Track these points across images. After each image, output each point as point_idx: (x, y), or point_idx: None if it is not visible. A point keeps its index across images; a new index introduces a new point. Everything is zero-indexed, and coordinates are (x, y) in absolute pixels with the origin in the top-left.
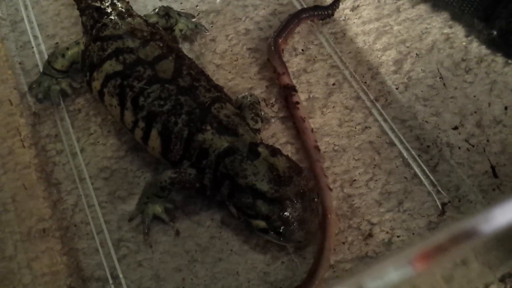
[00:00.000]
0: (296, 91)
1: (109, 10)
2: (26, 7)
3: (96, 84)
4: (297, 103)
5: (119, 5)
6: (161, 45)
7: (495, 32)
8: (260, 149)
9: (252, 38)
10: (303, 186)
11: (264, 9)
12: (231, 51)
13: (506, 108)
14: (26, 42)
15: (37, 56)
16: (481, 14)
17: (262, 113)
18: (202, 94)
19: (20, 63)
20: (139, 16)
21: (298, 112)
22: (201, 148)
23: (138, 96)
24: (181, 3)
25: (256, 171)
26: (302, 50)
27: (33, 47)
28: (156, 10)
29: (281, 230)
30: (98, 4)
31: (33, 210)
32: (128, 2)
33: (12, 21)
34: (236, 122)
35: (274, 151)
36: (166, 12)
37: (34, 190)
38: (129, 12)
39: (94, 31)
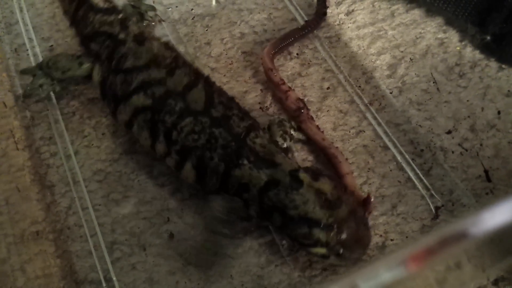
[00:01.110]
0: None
1: (122, 36)
2: (21, 10)
3: (124, 117)
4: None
5: (132, 28)
6: (188, 71)
7: (488, 37)
8: (301, 175)
9: (247, 42)
10: (352, 203)
11: (259, 13)
12: (226, 54)
13: (499, 112)
14: (21, 44)
15: (31, 58)
16: (475, 20)
17: (293, 133)
18: (236, 124)
19: (14, 66)
20: (154, 37)
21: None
22: (240, 183)
23: (171, 131)
24: (177, 6)
25: (305, 200)
26: (297, 54)
27: (28, 50)
28: (123, 6)
29: (341, 252)
30: (107, 29)
31: (26, 213)
32: (138, 22)
33: (7, 24)
34: (273, 151)
35: (315, 174)
36: (132, 4)
37: (28, 193)
38: (144, 35)
39: (113, 62)
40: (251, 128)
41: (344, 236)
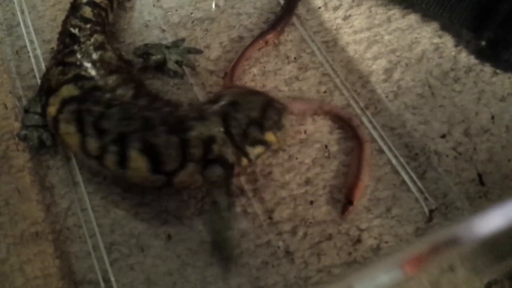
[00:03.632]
0: None
1: (83, 39)
2: (22, 12)
3: (51, 111)
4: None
5: (96, 37)
6: (124, 76)
7: (483, 43)
8: (223, 99)
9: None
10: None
11: (257, 17)
12: (225, 58)
13: (493, 117)
14: (22, 46)
15: (32, 60)
16: (470, 25)
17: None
18: (162, 106)
19: (15, 68)
20: (113, 50)
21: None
22: (203, 140)
23: (99, 120)
24: (176, 10)
25: (249, 103)
26: (295, 58)
27: (29, 52)
28: (135, 49)
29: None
30: (75, 31)
31: (26, 213)
32: (107, 35)
33: (8, 26)
34: (198, 105)
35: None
36: (144, 52)
37: (28, 194)
38: (103, 46)
39: (59, 55)
40: (176, 104)
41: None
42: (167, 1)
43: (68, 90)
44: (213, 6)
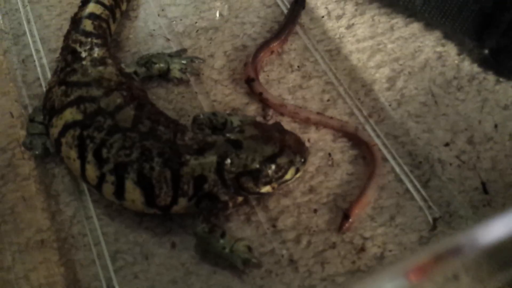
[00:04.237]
0: None
1: (84, 55)
2: (28, 21)
3: (54, 132)
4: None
5: (97, 51)
6: (125, 94)
7: (486, 51)
8: (234, 136)
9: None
10: (275, 127)
11: (261, 26)
12: (229, 67)
13: (496, 125)
14: (28, 55)
15: (38, 69)
16: (473, 34)
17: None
18: (162, 132)
19: (22, 76)
20: (114, 64)
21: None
22: (194, 178)
23: (100, 148)
24: (181, 19)
25: (253, 149)
26: (298, 66)
27: (35, 61)
28: (138, 59)
29: (303, 160)
30: (76, 46)
31: (31, 221)
32: (108, 50)
33: (14, 35)
34: (201, 137)
35: (240, 128)
36: (147, 61)
37: (33, 202)
38: (104, 60)
39: (62, 74)
40: (176, 130)
41: (294, 147)
42: (171, 11)
43: (71, 114)
44: (217, 15)
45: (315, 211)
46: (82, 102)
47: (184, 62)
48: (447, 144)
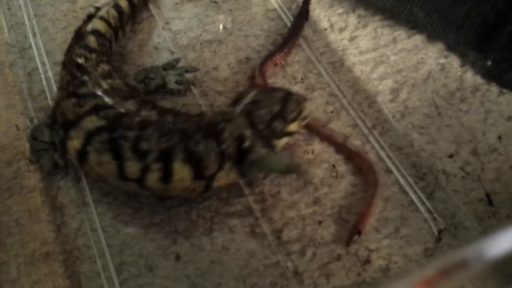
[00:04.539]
0: None
1: (90, 69)
2: (34, 35)
3: (76, 144)
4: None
5: (103, 67)
6: (140, 99)
7: (489, 62)
8: (247, 101)
9: (253, 67)
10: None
11: (264, 39)
12: (233, 79)
13: (500, 137)
14: (34, 68)
15: (44, 82)
16: (475, 46)
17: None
18: (188, 116)
19: (27, 89)
20: (120, 78)
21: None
22: (236, 138)
23: (138, 143)
24: (185, 32)
25: (269, 99)
26: (302, 78)
27: (40, 74)
28: (134, 75)
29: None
30: (82, 61)
31: (37, 234)
32: (111, 64)
33: (20, 48)
34: (221, 110)
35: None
36: (145, 76)
37: (39, 214)
38: (111, 74)
39: (70, 87)
40: (200, 114)
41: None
42: (176, 24)
43: (92, 122)
44: (221, 28)
45: (320, 223)
46: (100, 110)
47: (178, 73)
48: (451, 156)
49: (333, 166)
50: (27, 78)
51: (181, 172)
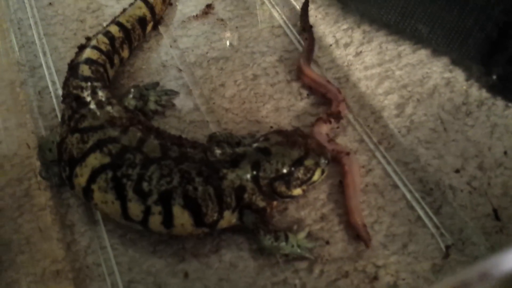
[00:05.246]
0: None
1: (88, 99)
2: (44, 54)
3: (81, 181)
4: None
5: (100, 94)
6: (140, 127)
7: (494, 77)
8: (262, 144)
9: (259, 83)
10: (297, 133)
11: (270, 55)
12: (240, 96)
13: (506, 152)
14: (44, 87)
15: (54, 101)
16: (480, 60)
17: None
18: (193, 154)
19: (38, 108)
20: (119, 103)
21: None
22: (235, 189)
23: (140, 183)
24: (193, 50)
25: (283, 154)
26: (307, 94)
27: (51, 92)
28: (131, 93)
29: (326, 161)
30: (78, 92)
31: (47, 252)
32: (109, 91)
33: (31, 67)
34: (230, 150)
35: (265, 136)
36: (140, 93)
37: (49, 232)
38: (109, 100)
39: (72, 122)
40: (204, 149)
41: (317, 150)
42: (183, 42)
43: (97, 159)
44: (228, 45)
45: (327, 239)
46: (103, 145)
47: (158, 95)
48: (457, 171)
49: (340, 181)
50: (38, 97)
51: (181, 217)
